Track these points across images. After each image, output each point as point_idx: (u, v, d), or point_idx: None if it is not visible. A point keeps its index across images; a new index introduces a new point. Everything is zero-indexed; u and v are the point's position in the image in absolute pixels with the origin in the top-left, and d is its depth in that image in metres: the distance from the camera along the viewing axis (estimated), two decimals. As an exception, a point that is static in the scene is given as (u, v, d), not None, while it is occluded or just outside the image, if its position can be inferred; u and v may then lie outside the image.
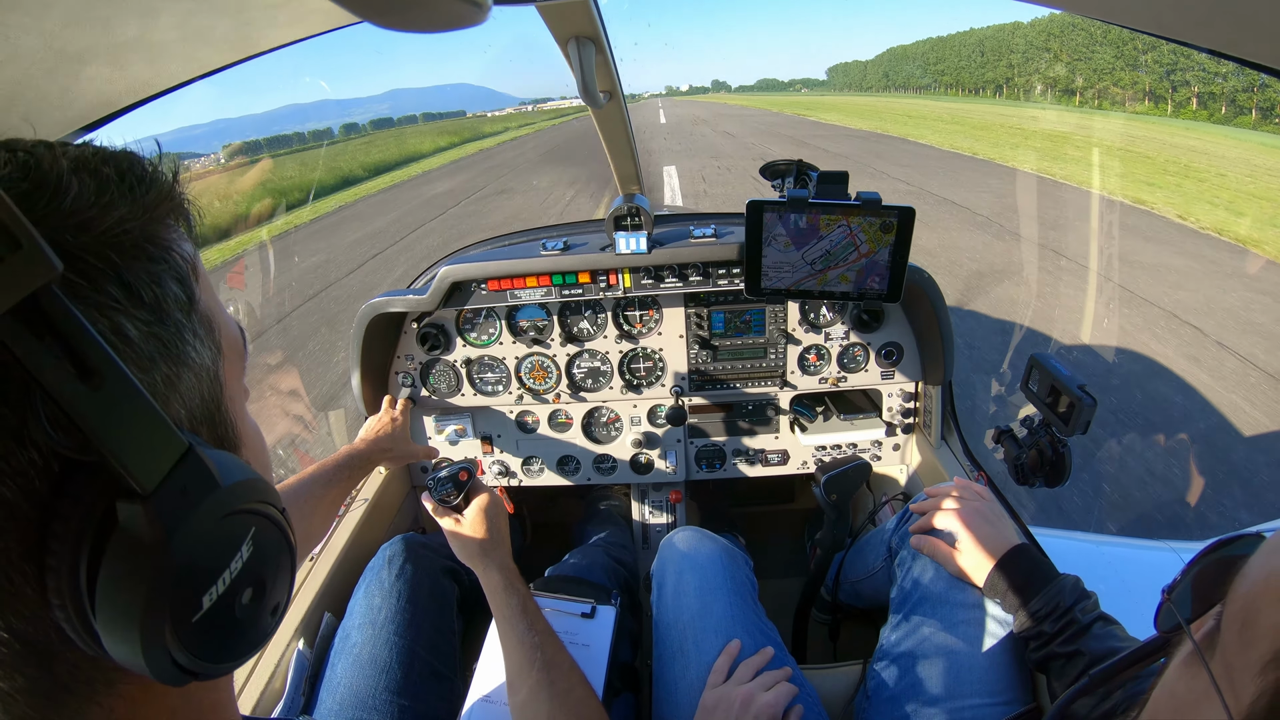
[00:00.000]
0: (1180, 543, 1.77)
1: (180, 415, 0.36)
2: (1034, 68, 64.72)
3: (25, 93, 0.60)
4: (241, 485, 0.36)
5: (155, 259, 0.35)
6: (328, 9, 0.71)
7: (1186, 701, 0.42)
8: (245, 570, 0.36)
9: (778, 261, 1.24)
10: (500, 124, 53.51)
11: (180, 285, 0.37)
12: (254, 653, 0.39)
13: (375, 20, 0.44)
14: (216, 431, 0.40)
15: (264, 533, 0.38)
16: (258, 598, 0.38)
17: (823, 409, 1.83)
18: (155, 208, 0.36)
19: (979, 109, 35.32)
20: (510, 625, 0.99)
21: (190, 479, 0.33)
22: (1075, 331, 5.33)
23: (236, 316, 0.45)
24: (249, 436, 0.44)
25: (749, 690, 0.97)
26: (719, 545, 1.28)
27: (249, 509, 0.36)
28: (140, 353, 0.33)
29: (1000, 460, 1.22)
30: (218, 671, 0.36)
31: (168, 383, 0.35)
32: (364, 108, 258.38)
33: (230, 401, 0.41)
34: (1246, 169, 13.06)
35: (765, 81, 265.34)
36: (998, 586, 1.04)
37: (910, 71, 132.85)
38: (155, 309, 0.34)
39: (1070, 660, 0.92)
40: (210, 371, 0.39)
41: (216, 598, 0.34)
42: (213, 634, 0.35)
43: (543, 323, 1.75)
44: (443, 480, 1.10)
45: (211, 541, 0.34)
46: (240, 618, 0.37)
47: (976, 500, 1.18)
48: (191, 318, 0.37)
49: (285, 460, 2.83)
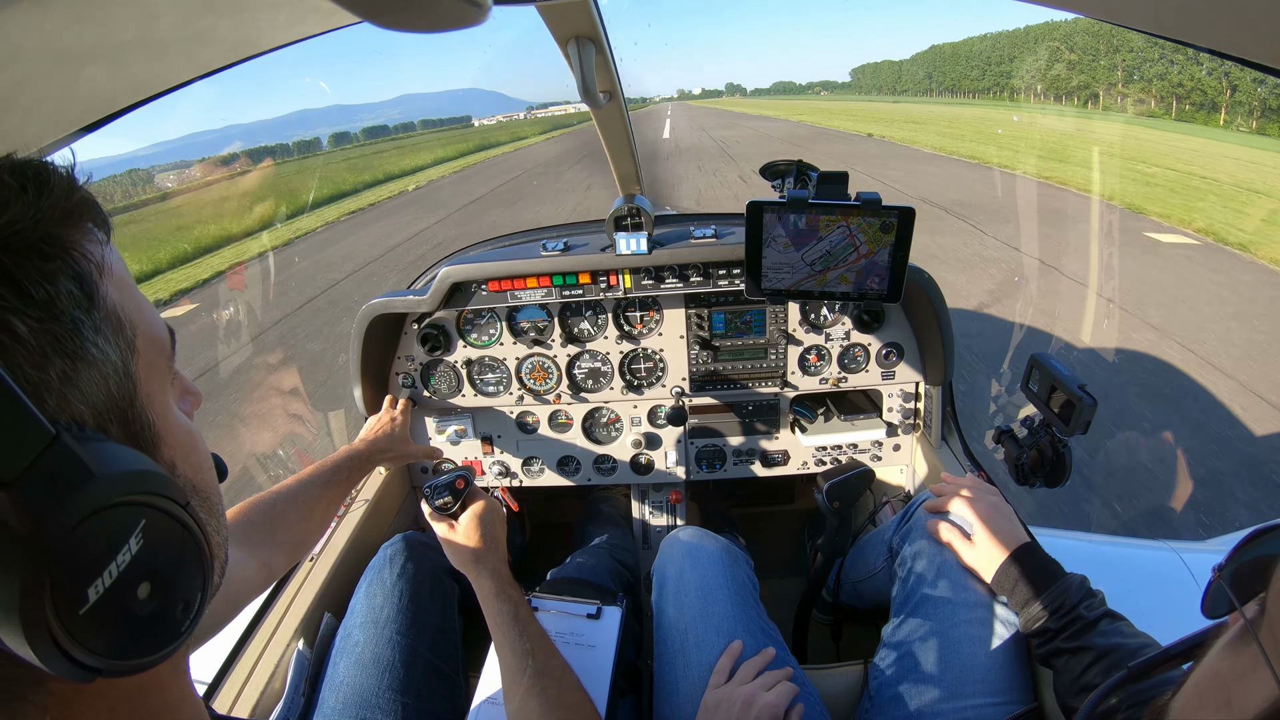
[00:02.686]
0: (1180, 543, 1.77)
1: (82, 411, 0.36)
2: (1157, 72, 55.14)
3: (25, 93, 0.60)
4: (125, 476, 0.35)
5: (49, 257, 0.36)
6: (328, 9, 0.71)
7: (1229, 679, 0.44)
8: (136, 563, 0.35)
9: (778, 262, 1.24)
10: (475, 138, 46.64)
11: (77, 283, 0.37)
12: (164, 649, 0.38)
13: (375, 20, 0.44)
14: (130, 429, 0.40)
15: (158, 526, 0.37)
16: (158, 593, 0.37)
17: (823, 409, 1.83)
18: (51, 209, 0.37)
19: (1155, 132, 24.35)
20: (503, 632, 0.99)
21: (58, 467, 0.32)
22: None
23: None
24: (174, 435, 0.44)
25: (750, 690, 0.97)
26: (720, 545, 1.28)
27: (137, 500, 0.36)
28: (31, 349, 0.34)
29: (1000, 460, 1.22)
30: (126, 669, 0.36)
31: (63, 378, 0.35)
32: (374, 113, 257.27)
33: (146, 400, 0.41)
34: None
35: (781, 84, 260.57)
36: (1007, 581, 1.05)
37: (962, 72, 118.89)
38: (48, 306, 0.35)
39: (1076, 656, 0.92)
40: (118, 368, 0.39)
41: (104, 590, 0.34)
42: (110, 628, 0.34)
43: (543, 323, 1.75)
44: (439, 488, 1.10)
45: (90, 532, 0.33)
46: (141, 613, 0.36)
47: (989, 495, 1.19)
48: (92, 315, 0.38)
49: (286, 460, 2.84)
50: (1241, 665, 0.42)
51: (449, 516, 1.10)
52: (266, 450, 3.38)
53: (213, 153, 30.39)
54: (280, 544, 1.11)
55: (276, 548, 1.10)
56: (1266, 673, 0.38)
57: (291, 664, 1.21)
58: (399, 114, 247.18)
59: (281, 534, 1.12)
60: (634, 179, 1.49)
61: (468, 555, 1.06)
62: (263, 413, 3.95)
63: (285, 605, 1.31)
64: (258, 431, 3.82)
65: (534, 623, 1.01)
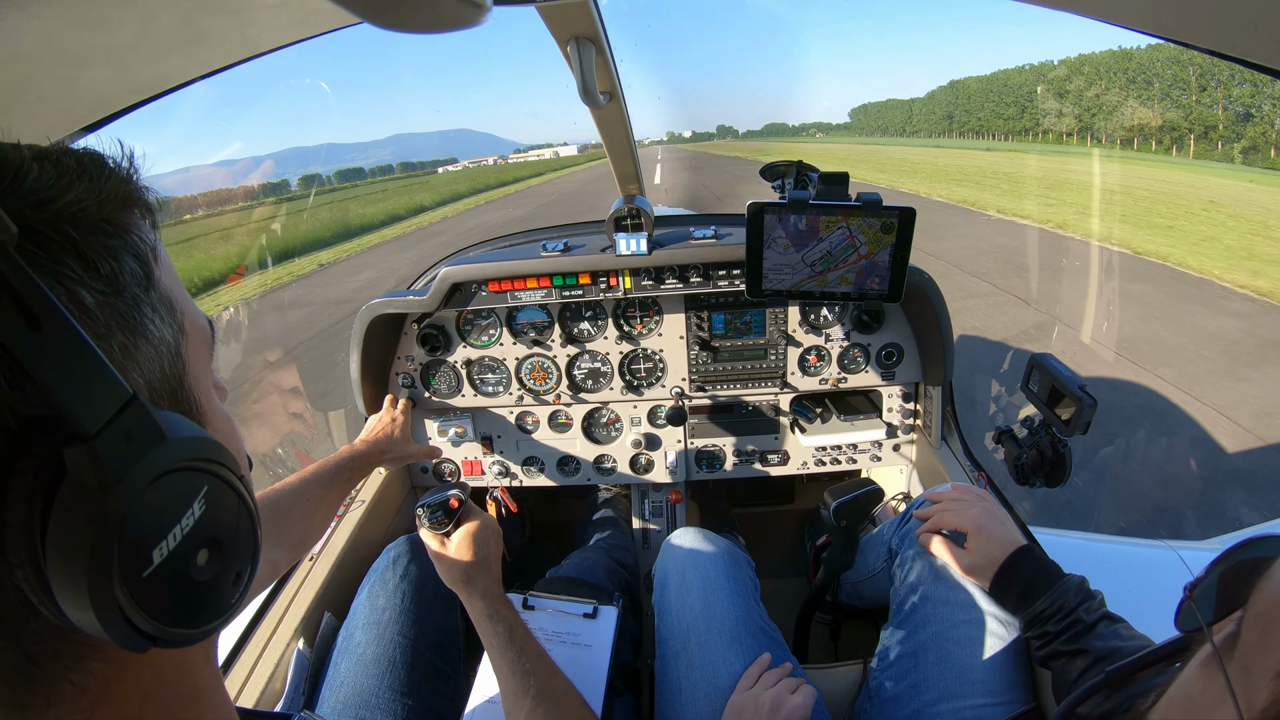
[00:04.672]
0: (1180, 542, 1.77)
1: (139, 384, 0.37)
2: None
3: (26, 93, 0.60)
4: (191, 441, 0.36)
5: (112, 235, 0.37)
6: (328, 9, 0.71)
7: (1201, 703, 0.42)
8: (198, 528, 0.36)
9: (778, 263, 1.24)
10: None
11: (138, 262, 0.38)
12: (218, 621, 0.38)
13: (375, 20, 0.44)
14: (179, 407, 0.41)
15: (218, 494, 0.38)
16: (215, 560, 0.38)
17: (823, 410, 1.83)
18: (112, 193, 0.38)
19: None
20: (500, 654, 0.97)
21: (134, 426, 0.33)
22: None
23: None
24: (217, 420, 0.45)
25: (777, 694, 0.98)
26: (721, 546, 1.28)
27: (200, 466, 0.37)
28: (97, 320, 0.35)
29: (1000, 460, 1.22)
30: (180, 639, 0.36)
31: (124, 351, 0.37)
32: (366, 152, 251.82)
33: (195, 381, 0.43)
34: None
35: (773, 126, 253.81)
36: (1005, 585, 1.04)
37: (993, 110, 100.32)
38: (112, 281, 0.36)
39: (1074, 658, 0.92)
40: (171, 348, 0.40)
41: (168, 553, 0.34)
42: (169, 594, 0.35)
43: (543, 324, 1.75)
44: (434, 507, 1.08)
45: (160, 492, 0.34)
46: (198, 580, 0.36)
47: (980, 501, 1.18)
48: (150, 293, 0.39)
49: (285, 460, 2.83)
50: (1215, 689, 0.40)
51: (442, 534, 1.09)
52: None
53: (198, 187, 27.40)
54: (283, 542, 1.11)
55: (280, 545, 1.10)
56: (1231, 707, 0.37)
57: (291, 663, 1.21)
58: (390, 154, 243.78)
59: (284, 532, 1.12)
60: (634, 179, 1.49)
61: (458, 574, 1.04)
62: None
63: (285, 604, 1.31)
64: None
65: (532, 641, 0.99)
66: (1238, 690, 0.37)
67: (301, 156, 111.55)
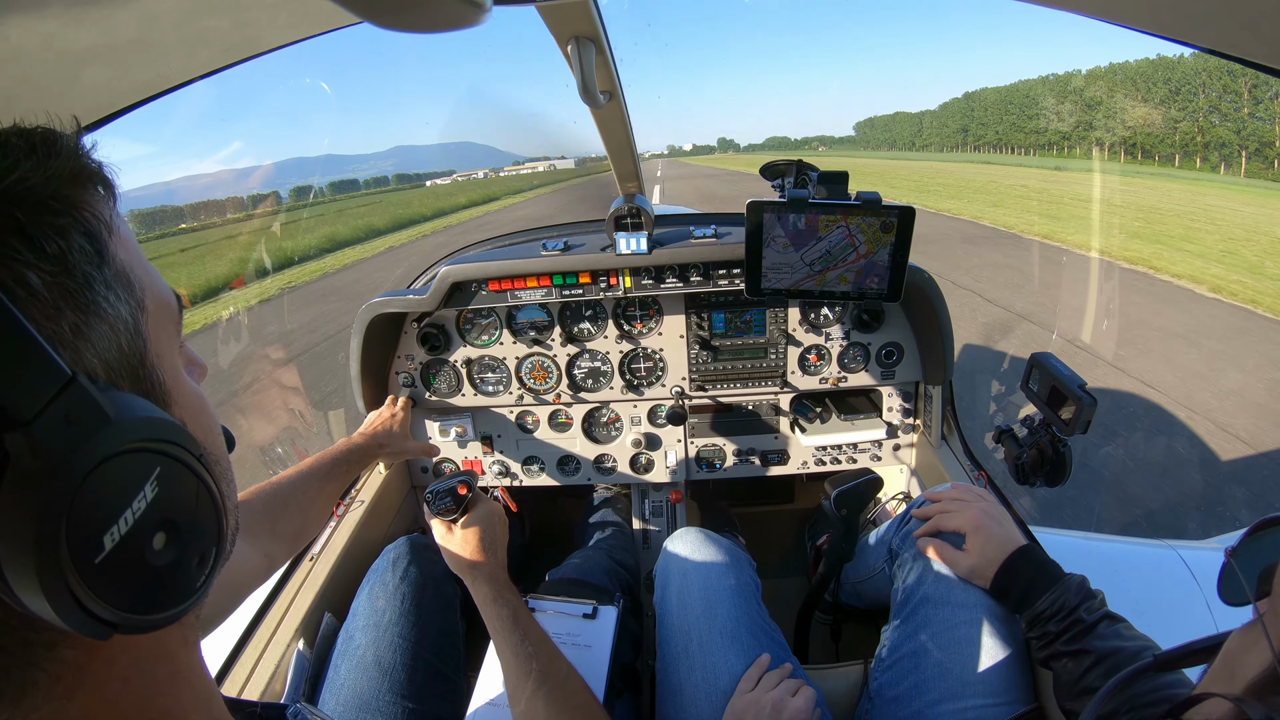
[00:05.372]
0: (1180, 542, 1.77)
1: (94, 365, 0.36)
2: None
3: (25, 93, 0.60)
4: (141, 422, 0.35)
5: (60, 214, 0.37)
6: (328, 9, 0.71)
7: (1236, 654, 0.49)
8: (151, 511, 0.35)
9: (777, 262, 1.24)
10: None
11: (88, 240, 0.38)
12: (181, 605, 0.38)
13: (375, 20, 0.44)
14: (141, 387, 0.40)
15: (173, 475, 0.37)
16: (174, 544, 0.37)
17: (823, 409, 1.83)
18: (60, 169, 0.38)
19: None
20: (503, 637, 0.98)
21: (74, 408, 0.32)
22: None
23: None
24: (184, 398, 0.44)
25: (778, 697, 0.99)
26: (722, 547, 1.28)
27: (151, 448, 0.36)
28: (44, 300, 0.34)
29: (1000, 460, 1.22)
30: (143, 624, 0.35)
31: (76, 331, 0.36)
32: (367, 164, 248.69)
33: (156, 359, 0.42)
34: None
35: (775, 140, 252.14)
36: (1003, 586, 1.04)
37: (1013, 123, 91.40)
38: (60, 260, 0.36)
39: (1075, 658, 0.92)
40: (129, 325, 0.39)
41: (120, 538, 0.33)
42: (125, 579, 0.34)
43: (543, 323, 1.75)
44: (441, 493, 1.09)
45: (107, 476, 0.33)
46: (156, 565, 0.36)
47: (980, 501, 1.18)
48: (103, 270, 0.38)
49: (284, 459, 2.83)
50: (1249, 640, 0.47)
51: (449, 520, 1.10)
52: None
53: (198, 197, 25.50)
54: (280, 535, 1.11)
55: (276, 538, 1.10)
56: (1265, 644, 0.42)
57: (291, 664, 1.21)
58: (391, 165, 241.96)
59: (282, 525, 1.12)
60: (634, 179, 1.49)
61: (465, 560, 1.05)
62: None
63: (285, 605, 1.31)
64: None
65: (535, 626, 1.00)
66: (1272, 633, 0.43)
67: (304, 166, 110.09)
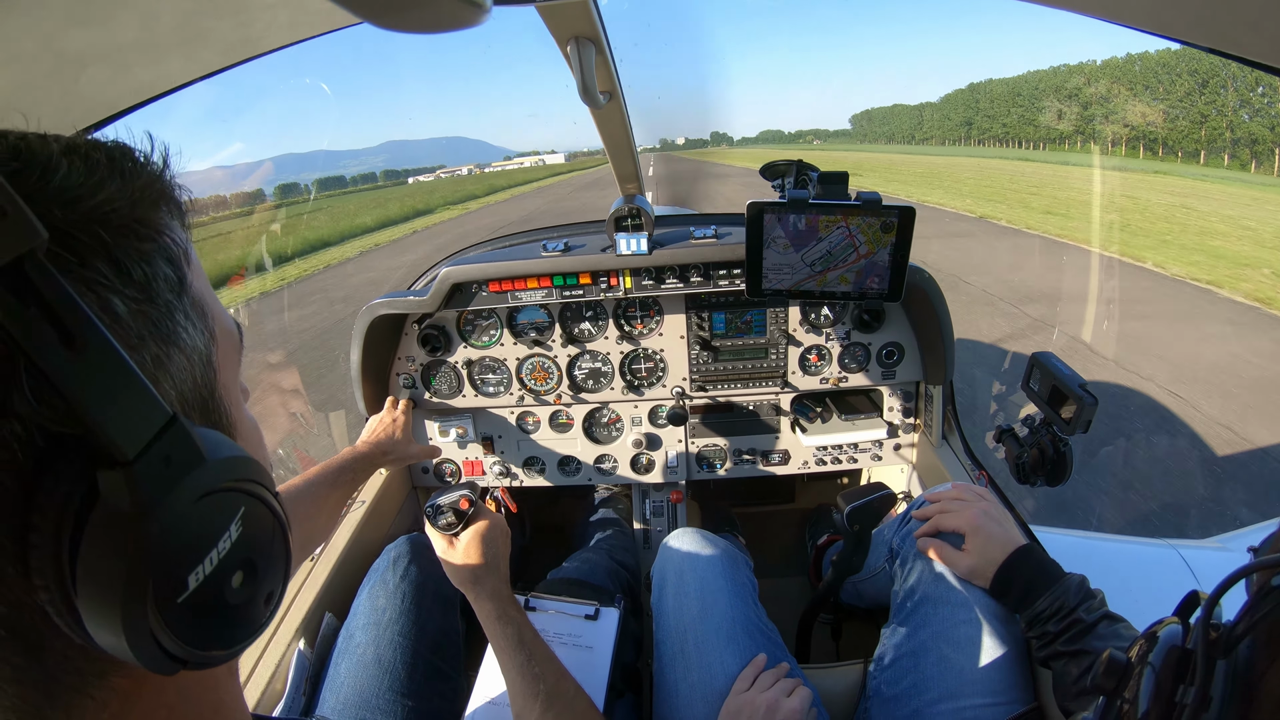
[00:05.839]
0: (1181, 541, 1.77)
1: (171, 396, 0.36)
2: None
3: (25, 95, 0.60)
4: (230, 462, 0.35)
5: (145, 238, 0.35)
6: (328, 10, 0.71)
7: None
8: (234, 551, 0.35)
9: (777, 263, 1.24)
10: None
11: (171, 266, 0.36)
12: (248, 641, 0.37)
13: (375, 20, 0.44)
14: (210, 418, 0.39)
15: (254, 514, 0.36)
16: (249, 582, 0.36)
17: (823, 409, 1.83)
18: (144, 191, 0.36)
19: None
20: (509, 656, 0.97)
21: (174, 449, 0.31)
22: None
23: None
24: (245, 429, 0.44)
25: (773, 697, 0.98)
26: (719, 547, 1.28)
27: (238, 487, 0.35)
28: (129, 329, 0.33)
29: (1001, 459, 1.22)
30: (209, 660, 0.35)
31: (157, 362, 0.35)
32: (359, 159, 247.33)
33: (225, 390, 0.41)
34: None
35: (769, 133, 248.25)
36: (1003, 586, 1.04)
37: (1022, 115, 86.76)
38: (145, 288, 0.34)
39: (1074, 659, 0.91)
40: (203, 355, 0.38)
41: (204, 578, 0.33)
42: (202, 618, 0.33)
43: (544, 324, 1.75)
44: (443, 508, 1.07)
45: (197, 517, 0.33)
46: (232, 603, 0.35)
47: (980, 501, 1.18)
48: (183, 299, 0.37)
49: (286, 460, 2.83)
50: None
51: (451, 535, 1.08)
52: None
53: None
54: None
55: None
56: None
57: (292, 664, 1.21)
58: (383, 160, 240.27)
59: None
60: (634, 179, 1.49)
61: (467, 575, 1.03)
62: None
63: (286, 605, 1.30)
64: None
65: (540, 644, 0.99)
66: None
67: (296, 163, 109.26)
